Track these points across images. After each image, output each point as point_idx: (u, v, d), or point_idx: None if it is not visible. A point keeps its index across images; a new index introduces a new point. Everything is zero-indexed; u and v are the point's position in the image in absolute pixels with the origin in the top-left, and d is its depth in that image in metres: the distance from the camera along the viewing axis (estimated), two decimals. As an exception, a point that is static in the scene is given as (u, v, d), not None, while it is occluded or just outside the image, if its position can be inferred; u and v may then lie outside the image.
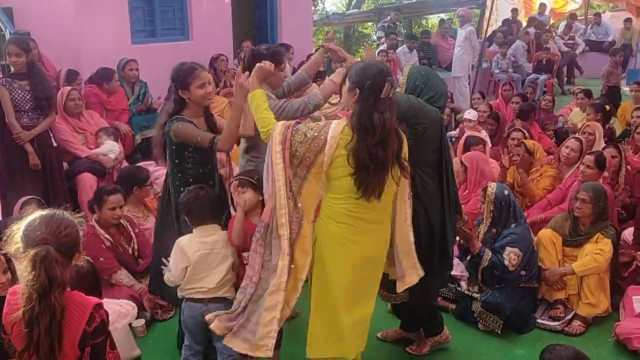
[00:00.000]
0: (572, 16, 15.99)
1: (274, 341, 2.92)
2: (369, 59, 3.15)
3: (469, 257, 4.17)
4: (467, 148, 5.70)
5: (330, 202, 2.96)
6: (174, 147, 3.48)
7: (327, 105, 4.73)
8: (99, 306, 2.16)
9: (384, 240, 3.09)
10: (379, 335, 4.01)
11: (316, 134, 2.84)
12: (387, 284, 3.43)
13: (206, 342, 3.41)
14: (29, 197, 4.49)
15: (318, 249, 3.01)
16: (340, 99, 3.18)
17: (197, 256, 3.21)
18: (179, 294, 3.34)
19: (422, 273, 3.20)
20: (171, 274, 3.27)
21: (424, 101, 3.30)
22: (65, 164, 5.63)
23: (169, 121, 3.48)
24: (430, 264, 3.34)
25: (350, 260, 2.97)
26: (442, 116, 3.38)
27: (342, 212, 2.93)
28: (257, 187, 3.25)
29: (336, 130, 2.84)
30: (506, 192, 4.20)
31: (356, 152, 2.79)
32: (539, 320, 4.19)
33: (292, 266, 2.90)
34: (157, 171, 5.67)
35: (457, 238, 4.00)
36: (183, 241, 3.27)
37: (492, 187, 4.21)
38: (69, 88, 5.94)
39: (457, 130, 7.81)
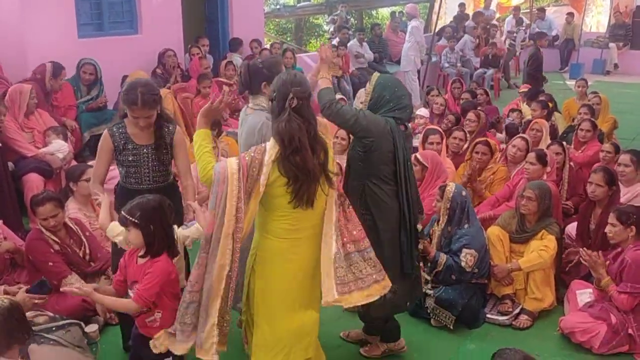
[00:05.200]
0: (516, 9, 16.41)
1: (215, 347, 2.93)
2: (286, 71, 3.13)
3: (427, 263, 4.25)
4: (425, 138, 5.80)
5: (270, 219, 2.99)
6: None
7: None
8: None
9: (318, 244, 3.08)
10: (341, 334, 4.07)
11: (253, 155, 2.87)
12: None
13: None
14: None
15: (260, 263, 3.06)
16: None
17: None
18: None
19: (336, 296, 3.00)
20: None
21: (385, 111, 3.36)
22: (10, 164, 5.46)
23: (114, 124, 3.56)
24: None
25: (292, 272, 3.03)
26: (397, 128, 3.38)
27: (284, 227, 2.98)
28: (140, 226, 2.94)
29: (273, 149, 2.87)
30: (464, 194, 4.31)
31: (283, 161, 2.84)
32: (488, 315, 4.33)
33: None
34: (113, 170, 5.45)
35: None
36: None
37: (451, 187, 4.29)
38: (29, 86, 5.80)
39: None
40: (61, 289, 2.98)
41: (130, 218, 2.93)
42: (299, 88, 2.86)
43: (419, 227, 3.51)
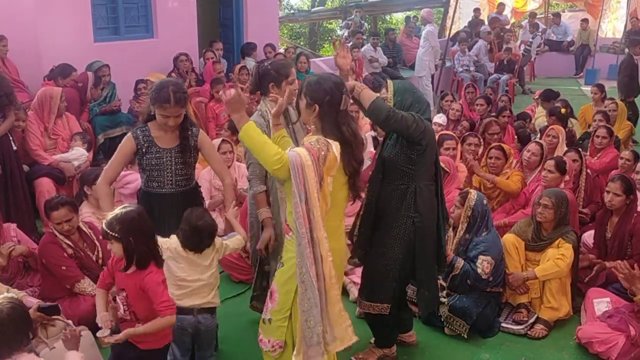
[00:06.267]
0: (532, 15, 16.31)
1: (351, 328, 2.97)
2: (321, 73, 3.18)
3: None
4: (440, 144, 5.74)
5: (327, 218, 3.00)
6: None
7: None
8: None
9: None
10: (371, 341, 3.94)
11: (318, 146, 2.85)
12: (365, 292, 3.63)
13: (191, 352, 3.42)
14: None
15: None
16: (299, 115, 3.18)
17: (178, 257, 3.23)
18: None
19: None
20: None
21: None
22: (25, 167, 5.50)
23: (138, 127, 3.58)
24: (423, 271, 3.54)
25: (329, 270, 2.97)
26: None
27: (335, 225, 3.07)
28: (120, 239, 2.89)
29: (335, 144, 2.91)
30: (485, 202, 4.30)
31: (347, 161, 2.99)
32: (503, 324, 4.27)
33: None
34: (129, 175, 5.46)
35: None
36: (170, 241, 3.24)
37: (473, 195, 4.28)
38: (59, 89, 5.83)
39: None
40: (98, 335, 2.98)
41: (110, 232, 2.90)
42: (346, 90, 3.01)
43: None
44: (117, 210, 2.99)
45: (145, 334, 2.96)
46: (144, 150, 3.51)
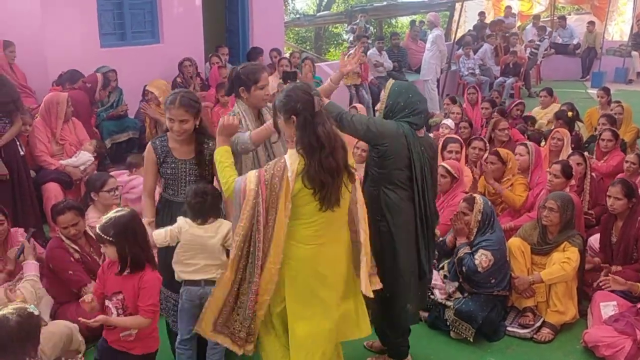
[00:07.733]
0: (536, 17, 16.29)
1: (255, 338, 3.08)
2: (286, 86, 3.11)
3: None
4: (444, 147, 5.74)
5: (297, 227, 2.99)
6: None
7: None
8: None
9: (343, 245, 3.15)
10: (365, 344, 4.02)
11: (272, 172, 2.89)
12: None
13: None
14: None
15: (290, 270, 3.04)
16: (279, 134, 3.29)
17: (187, 235, 3.27)
18: (177, 277, 3.35)
19: (376, 286, 3.21)
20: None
21: (400, 117, 3.38)
22: (32, 172, 5.53)
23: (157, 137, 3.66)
24: (393, 280, 3.44)
25: (322, 275, 3.06)
26: (411, 132, 3.36)
27: (309, 234, 3.00)
28: (114, 243, 2.99)
29: (293, 164, 2.88)
30: (489, 204, 4.38)
31: (310, 172, 2.85)
32: (509, 328, 4.27)
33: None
34: (133, 180, 5.53)
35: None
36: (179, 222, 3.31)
37: (479, 199, 4.35)
38: (65, 94, 5.84)
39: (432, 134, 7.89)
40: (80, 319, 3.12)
41: (105, 236, 2.97)
42: (316, 91, 2.96)
43: (437, 232, 3.53)
44: (111, 214, 3.06)
45: (120, 326, 3.02)
46: (161, 159, 3.56)
